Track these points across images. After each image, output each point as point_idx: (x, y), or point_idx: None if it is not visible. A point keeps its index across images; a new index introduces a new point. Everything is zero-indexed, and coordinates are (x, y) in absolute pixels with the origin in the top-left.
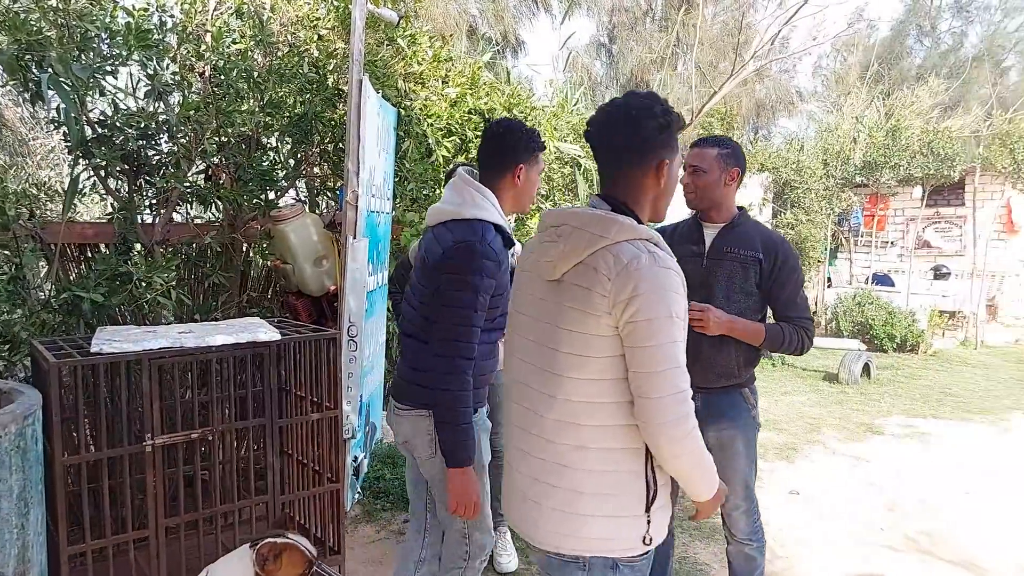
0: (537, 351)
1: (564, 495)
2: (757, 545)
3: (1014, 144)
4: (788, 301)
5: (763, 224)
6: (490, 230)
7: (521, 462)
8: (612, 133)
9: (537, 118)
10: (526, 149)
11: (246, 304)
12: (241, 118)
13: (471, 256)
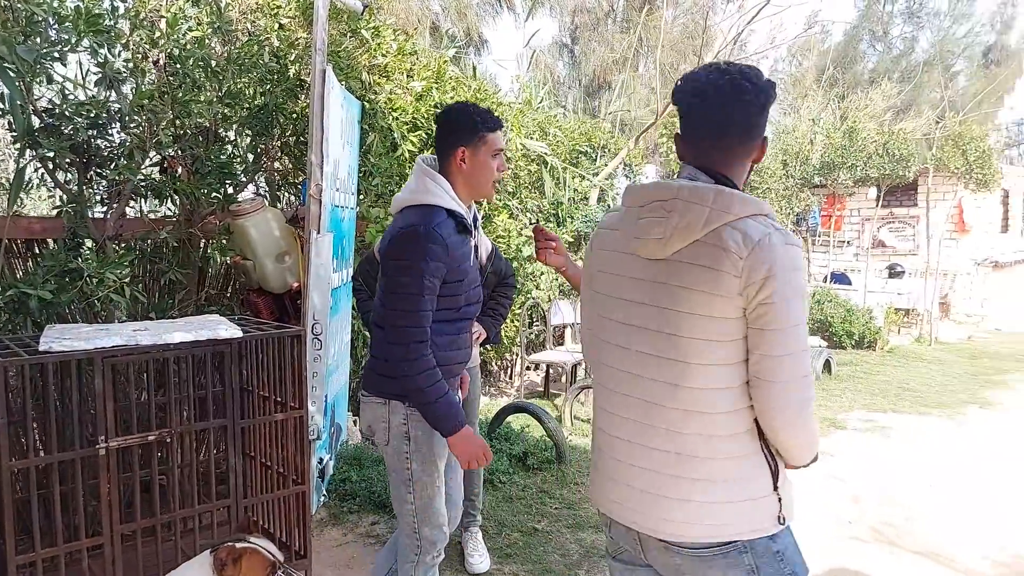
0: (645, 337)
1: (696, 485)
2: None
3: (966, 145)
4: None
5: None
6: (440, 215)
7: (636, 456)
8: (722, 103)
9: (504, 114)
10: (469, 131)
11: (204, 302)
12: (198, 108)
13: (414, 240)
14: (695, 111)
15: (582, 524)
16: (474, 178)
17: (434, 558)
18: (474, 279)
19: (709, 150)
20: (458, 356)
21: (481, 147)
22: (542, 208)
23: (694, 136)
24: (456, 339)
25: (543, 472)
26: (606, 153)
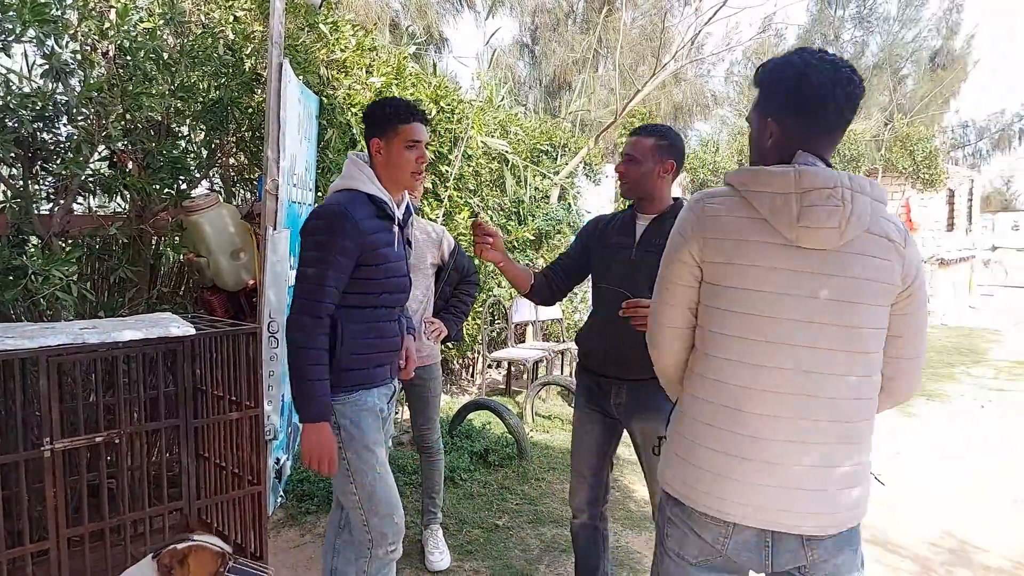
0: (823, 331)
1: (856, 472)
2: None
3: (914, 146)
4: None
5: None
6: (358, 198)
7: (801, 455)
8: (834, 90)
9: (465, 112)
10: (383, 123)
11: (156, 300)
12: (150, 102)
13: (325, 217)
14: (808, 98)
15: (543, 519)
16: (390, 168)
17: (387, 552)
18: (398, 269)
19: (820, 136)
20: (380, 345)
21: (394, 138)
22: (503, 206)
23: (824, 122)
24: (376, 327)
25: (504, 469)
26: (567, 152)
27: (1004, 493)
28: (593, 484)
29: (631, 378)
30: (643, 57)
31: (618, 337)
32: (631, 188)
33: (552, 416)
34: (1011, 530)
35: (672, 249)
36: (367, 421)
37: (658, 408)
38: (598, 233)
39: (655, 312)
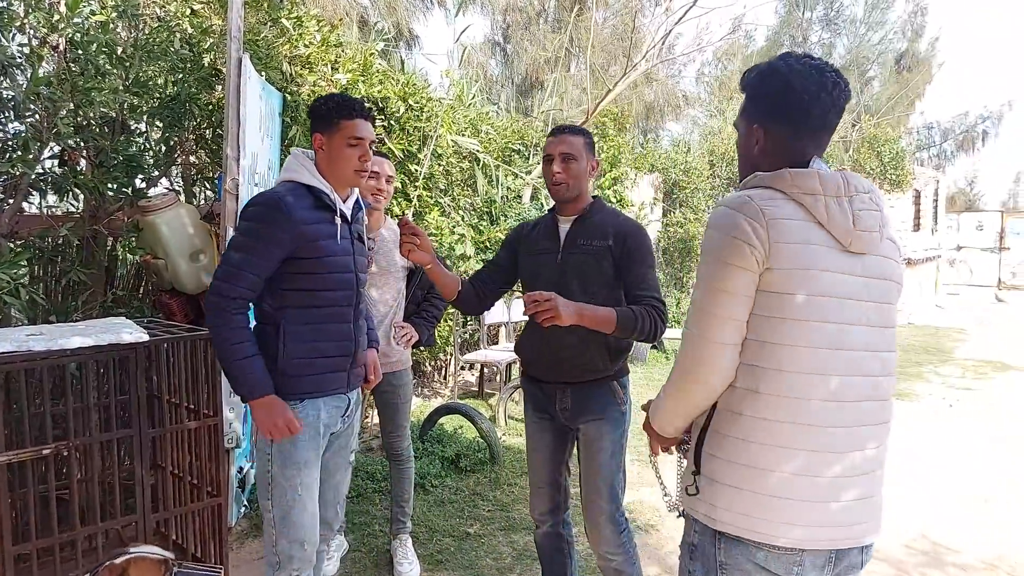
0: (874, 335)
1: (882, 474)
2: (625, 557)
3: (881, 147)
4: (637, 280)
5: (623, 214)
6: (294, 188)
7: (870, 465)
8: (819, 95)
9: (434, 109)
10: (326, 118)
11: (111, 304)
12: (102, 97)
13: (257, 205)
14: (824, 105)
15: (515, 526)
16: (332, 164)
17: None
18: (342, 264)
19: (807, 141)
20: (328, 350)
21: (335, 134)
22: (475, 206)
23: (811, 127)
24: (322, 330)
25: (476, 474)
26: (539, 151)
27: (975, 492)
28: (551, 492)
29: (573, 381)
30: (615, 57)
31: (555, 342)
32: (571, 187)
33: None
34: (983, 530)
35: (730, 255)
36: (303, 437)
37: (602, 409)
38: (523, 240)
39: (700, 331)
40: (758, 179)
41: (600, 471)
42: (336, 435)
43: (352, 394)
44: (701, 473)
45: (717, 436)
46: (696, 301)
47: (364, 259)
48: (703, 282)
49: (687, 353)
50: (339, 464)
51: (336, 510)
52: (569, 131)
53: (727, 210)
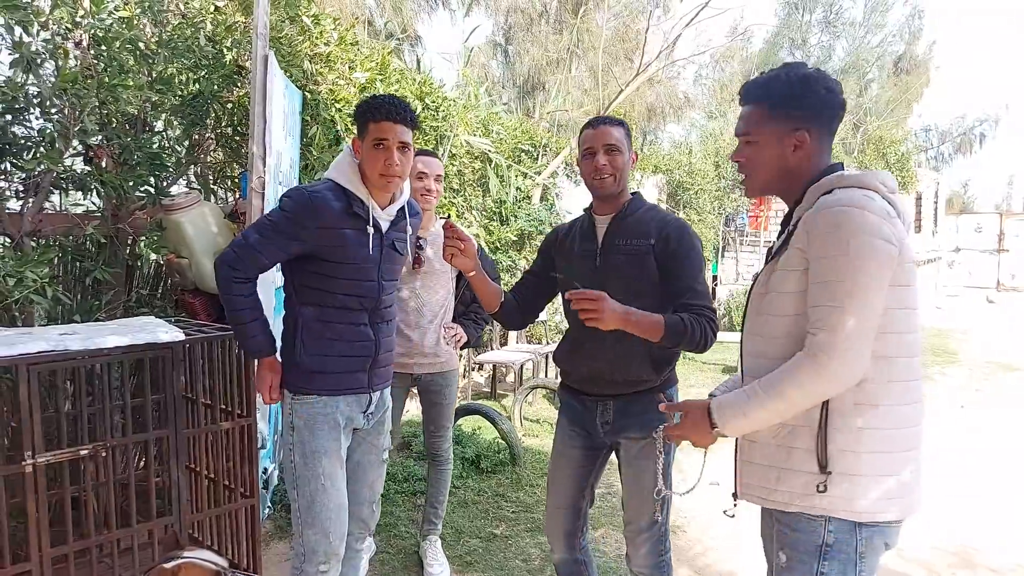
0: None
1: None
2: (660, 573)
3: (887, 149)
4: (686, 287)
5: (660, 208)
6: (333, 189)
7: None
8: (841, 99)
9: (449, 109)
10: (359, 121)
11: (134, 303)
12: (127, 94)
13: (288, 197)
14: (839, 110)
15: (541, 528)
16: (364, 168)
17: (317, 571)
18: (364, 273)
19: (831, 143)
20: (345, 350)
21: (366, 136)
22: (485, 206)
23: (836, 130)
24: (337, 329)
25: (497, 475)
26: (547, 152)
27: (998, 494)
28: (569, 516)
29: (616, 394)
30: (616, 59)
31: (598, 353)
32: (617, 181)
33: (540, 420)
34: (1011, 531)
35: (877, 256)
36: (322, 428)
37: (647, 421)
38: (558, 245)
39: (849, 332)
40: (845, 179)
41: (643, 492)
42: (363, 432)
43: (376, 393)
44: (832, 471)
45: (850, 431)
46: (838, 300)
47: (397, 267)
48: (850, 283)
49: (832, 353)
50: (372, 462)
51: (372, 508)
52: (608, 122)
53: (859, 211)
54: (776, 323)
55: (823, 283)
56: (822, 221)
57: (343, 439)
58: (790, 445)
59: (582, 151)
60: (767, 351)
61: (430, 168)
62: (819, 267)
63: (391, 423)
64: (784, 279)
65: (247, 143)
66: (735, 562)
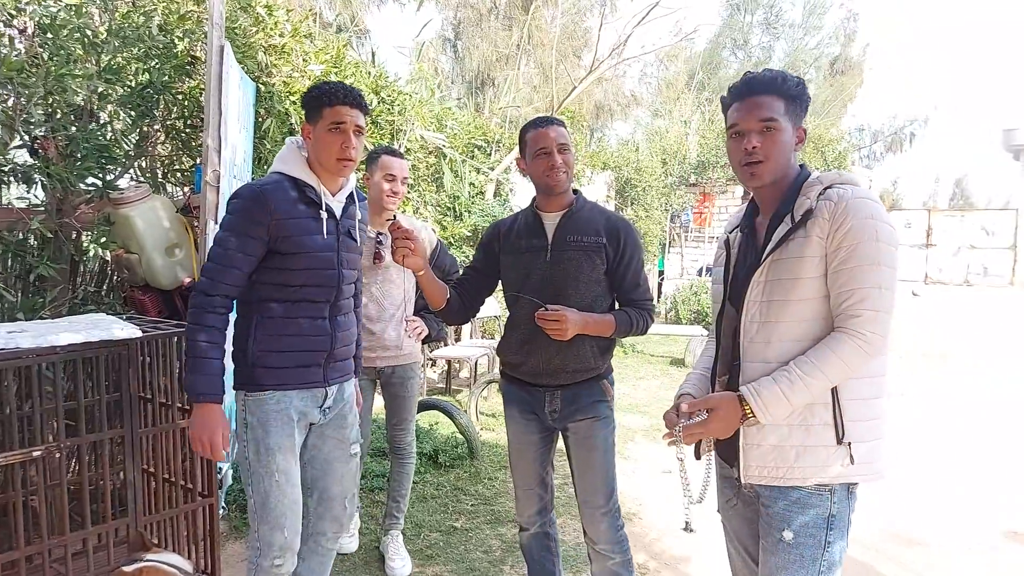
0: None
1: None
2: (622, 559)
3: (825, 147)
4: (632, 285)
5: (601, 206)
6: (281, 180)
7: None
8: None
9: (404, 103)
10: (311, 107)
11: (80, 301)
12: (75, 84)
13: (237, 197)
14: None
15: (501, 519)
16: (316, 153)
17: (272, 565)
18: (323, 261)
19: None
20: (302, 344)
21: (319, 121)
22: (439, 202)
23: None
24: (296, 323)
25: (455, 469)
26: (500, 147)
27: (935, 477)
28: (540, 494)
29: (565, 383)
30: (564, 56)
31: (546, 347)
32: (568, 179)
33: (496, 414)
34: (947, 512)
35: (896, 242)
36: (275, 424)
37: (593, 408)
38: (502, 239)
39: (886, 309)
40: (844, 177)
41: (596, 469)
42: (325, 427)
43: (334, 387)
44: (851, 441)
45: (857, 402)
46: (875, 283)
47: (355, 255)
48: (884, 266)
49: (876, 329)
50: (339, 457)
51: (344, 504)
52: (556, 122)
53: (878, 204)
54: (791, 308)
55: (858, 267)
56: (851, 210)
57: (297, 435)
58: (808, 423)
59: (534, 150)
60: (777, 335)
61: (399, 171)
62: (853, 252)
63: (358, 417)
64: (799, 266)
65: (199, 135)
66: (690, 547)
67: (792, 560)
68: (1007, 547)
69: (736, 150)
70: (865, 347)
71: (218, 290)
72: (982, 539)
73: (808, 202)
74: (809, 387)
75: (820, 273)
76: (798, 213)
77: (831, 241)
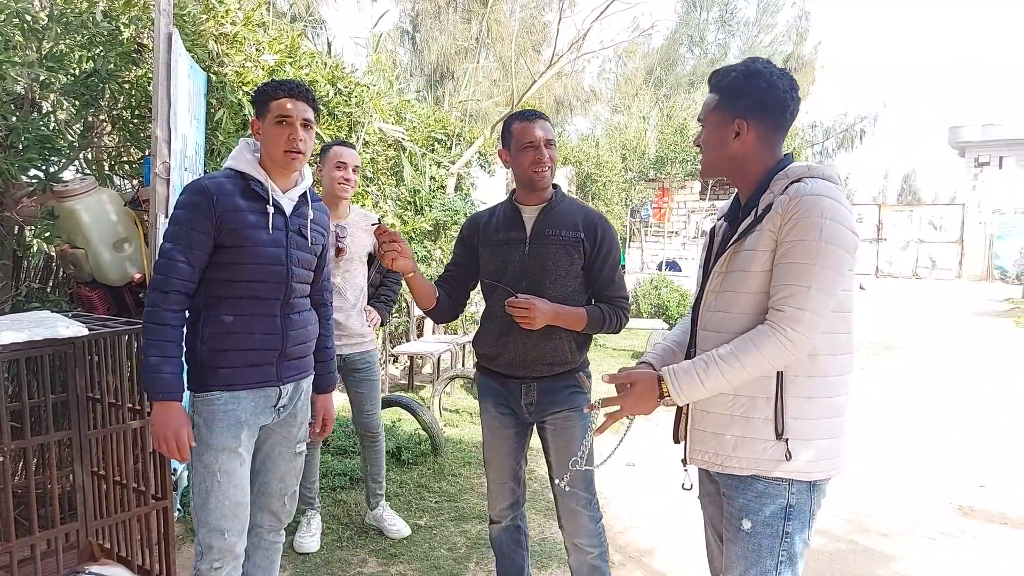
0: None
1: None
2: (600, 552)
3: None
4: (607, 281)
5: (580, 201)
6: (230, 176)
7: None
8: (793, 95)
9: (362, 95)
10: (259, 102)
11: (24, 298)
12: (15, 72)
13: (184, 192)
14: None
15: (465, 516)
16: (264, 147)
17: (212, 567)
18: (269, 256)
19: (782, 137)
20: (251, 343)
21: (267, 115)
22: (400, 195)
23: (785, 125)
24: (244, 321)
25: (419, 466)
26: (461, 141)
27: (886, 464)
28: (513, 487)
29: (541, 376)
30: (524, 50)
31: (523, 338)
32: (552, 175)
33: (460, 410)
34: (898, 498)
35: (848, 245)
36: (220, 424)
37: (569, 400)
38: (480, 232)
39: (814, 309)
40: (814, 170)
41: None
42: (271, 427)
43: (288, 385)
44: (789, 438)
45: (803, 400)
46: (807, 281)
47: (306, 254)
48: (820, 266)
49: (798, 328)
50: (283, 454)
51: (284, 501)
52: (542, 116)
53: (833, 201)
54: (740, 300)
55: (792, 264)
56: (800, 207)
57: (246, 437)
58: (747, 415)
59: (520, 143)
60: (726, 325)
61: (349, 159)
62: (792, 249)
63: (309, 417)
64: (751, 259)
65: (147, 126)
66: (655, 539)
67: (751, 550)
68: (963, 527)
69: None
70: (786, 343)
71: (171, 286)
72: (942, 523)
73: (771, 196)
74: (725, 375)
75: (768, 267)
76: (761, 206)
77: (780, 236)
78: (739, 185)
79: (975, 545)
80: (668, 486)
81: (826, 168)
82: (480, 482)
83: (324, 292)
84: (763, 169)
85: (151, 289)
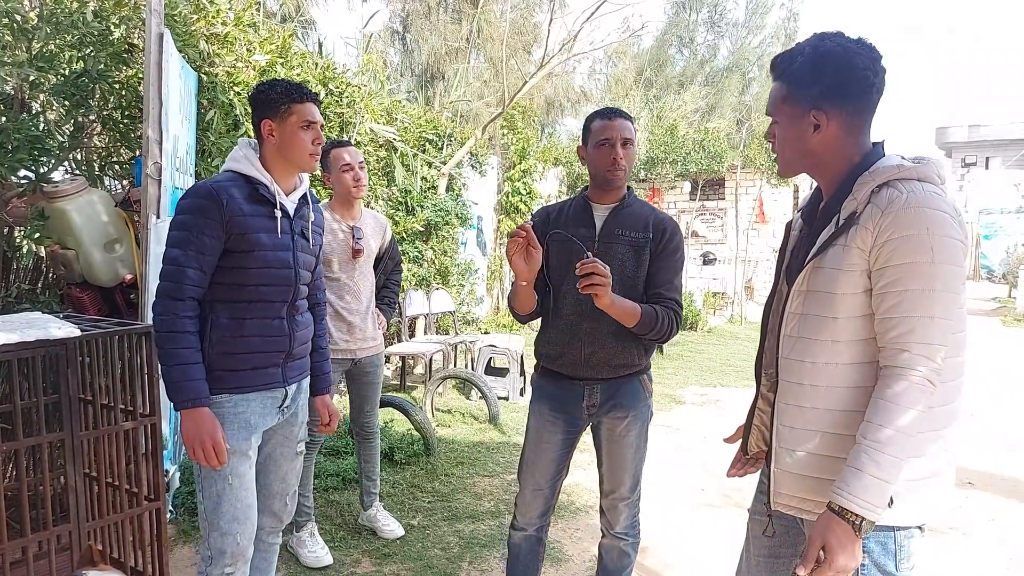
0: None
1: None
2: (633, 541)
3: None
4: (666, 280)
5: (651, 204)
6: (234, 179)
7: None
8: (877, 70)
9: (354, 95)
10: (276, 104)
11: (14, 299)
12: (4, 71)
13: (191, 196)
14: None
15: (458, 516)
16: (285, 150)
17: (224, 572)
18: (278, 260)
19: (870, 122)
20: (259, 345)
21: (288, 118)
22: (391, 196)
23: (872, 108)
24: (252, 324)
25: (411, 467)
26: (452, 142)
27: None
28: (549, 495)
29: (606, 377)
30: (515, 51)
31: (591, 338)
32: (626, 174)
33: (452, 410)
34: None
35: (964, 254)
36: (231, 427)
37: (632, 404)
38: (551, 226)
39: (947, 329)
40: (904, 171)
41: (627, 465)
42: (273, 428)
43: (292, 386)
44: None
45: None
46: (928, 311)
47: (308, 256)
48: (939, 292)
49: (932, 365)
50: (285, 455)
51: (285, 501)
52: (624, 115)
53: (937, 213)
54: (827, 326)
55: (907, 292)
56: (898, 223)
57: (254, 439)
58: (841, 449)
59: (595, 140)
60: (811, 353)
61: (352, 158)
62: (902, 276)
63: (307, 416)
64: (835, 279)
65: (138, 126)
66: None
67: None
68: (952, 523)
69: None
70: (927, 386)
71: (185, 293)
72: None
73: (855, 203)
74: (896, 455)
75: (861, 290)
76: (843, 215)
77: (874, 256)
78: (821, 182)
79: (964, 542)
80: (664, 485)
81: (921, 167)
82: (472, 482)
83: (318, 292)
84: (848, 164)
85: (161, 296)
